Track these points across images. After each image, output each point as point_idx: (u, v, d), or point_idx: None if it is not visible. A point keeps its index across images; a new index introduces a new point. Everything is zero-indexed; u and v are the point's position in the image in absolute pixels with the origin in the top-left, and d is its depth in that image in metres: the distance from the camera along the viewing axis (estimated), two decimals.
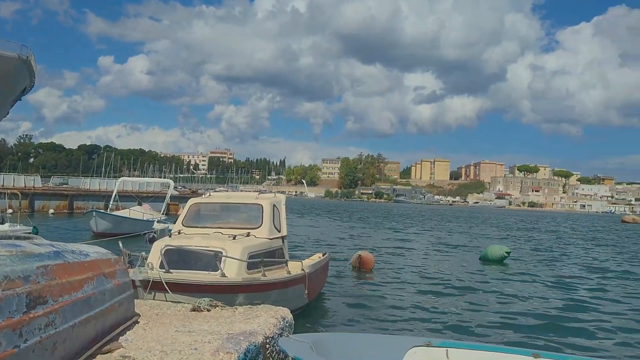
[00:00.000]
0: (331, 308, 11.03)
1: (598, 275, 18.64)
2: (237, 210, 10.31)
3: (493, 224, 59.53)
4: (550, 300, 13.06)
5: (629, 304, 13.12)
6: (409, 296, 12.79)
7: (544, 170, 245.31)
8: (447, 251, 24.74)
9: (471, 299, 12.73)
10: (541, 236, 40.32)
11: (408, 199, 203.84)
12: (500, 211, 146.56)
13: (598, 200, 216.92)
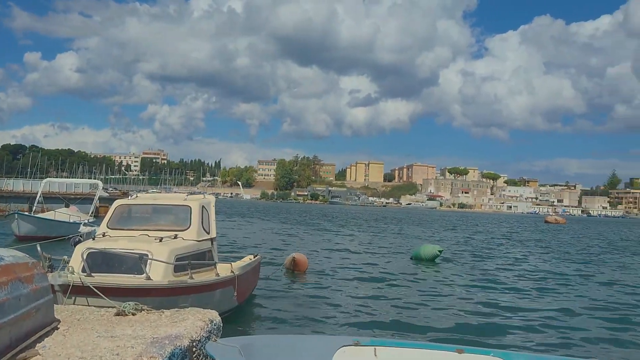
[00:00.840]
0: (262, 310, 10.99)
1: (523, 274, 19.38)
2: (164, 212, 10.10)
3: (425, 224, 60.91)
4: (477, 298, 13.50)
5: (551, 301, 13.74)
6: (341, 297, 12.90)
7: (473, 172, 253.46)
8: (380, 252, 25.12)
9: (401, 298, 12.98)
10: (472, 236, 41.59)
11: (343, 201, 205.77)
12: (431, 212, 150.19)
13: (523, 201, 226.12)
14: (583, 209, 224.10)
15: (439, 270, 18.91)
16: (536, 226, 73.97)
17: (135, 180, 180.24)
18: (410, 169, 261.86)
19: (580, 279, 18.53)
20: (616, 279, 18.98)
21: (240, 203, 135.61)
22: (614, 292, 15.86)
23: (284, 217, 61.74)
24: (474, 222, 79.18)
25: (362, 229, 44.57)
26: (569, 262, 24.38)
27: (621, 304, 13.60)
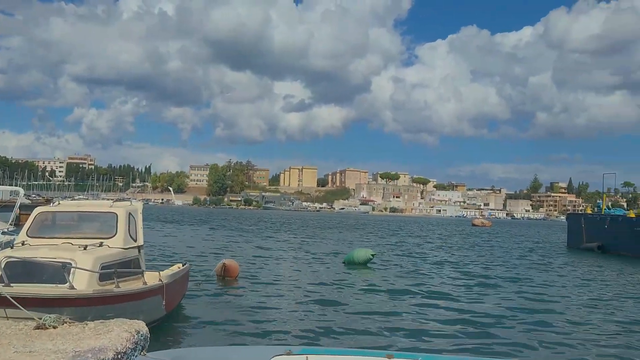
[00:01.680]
0: (192, 319, 10.79)
1: (452, 277, 19.93)
2: (89, 219, 9.75)
3: (358, 228, 61.61)
4: (408, 302, 13.76)
5: (478, 303, 14.18)
6: (274, 303, 12.84)
7: (404, 177, 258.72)
8: (313, 256, 25.19)
9: (333, 303, 13.05)
10: (404, 240, 42.42)
11: (277, 206, 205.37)
12: (364, 216, 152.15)
13: (452, 205, 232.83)
14: (508, 212, 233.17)
15: (371, 274, 19.15)
16: (464, 229, 76.30)
17: (61, 186, 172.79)
18: (343, 174, 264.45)
19: (505, 281, 19.21)
20: (535, 281, 19.82)
21: (172, 209, 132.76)
22: (535, 292, 16.55)
23: (217, 223, 60.94)
24: (405, 225, 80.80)
25: (296, 234, 44.61)
26: (494, 265, 25.28)
27: (539, 305, 14.22)
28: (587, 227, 39.02)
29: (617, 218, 37.66)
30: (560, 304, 14.43)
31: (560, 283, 19.11)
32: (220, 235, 39.93)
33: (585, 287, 18.53)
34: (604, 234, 36.58)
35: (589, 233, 38.45)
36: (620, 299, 15.91)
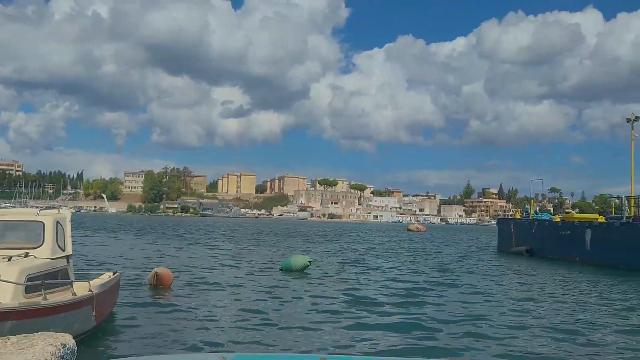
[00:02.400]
0: (123, 330, 10.55)
1: (388, 281, 20.27)
2: (13, 228, 9.38)
3: (296, 235, 61.68)
4: (343, 307, 13.90)
5: (411, 306, 14.50)
6: (207, 311, 12.71)
7: (342, 183, 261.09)
8: (250, 263, 25.05)
9: (267, 310, 13.05)
10: (341, 246, 42.81)
11: (215, 213, 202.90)
12: (302, 223, 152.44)
13: (388, 211, 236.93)
14: (442, 217, 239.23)
15: (308, 281, 19.23)
16: (399, 235, 77.73)
17: None
18: (282, 180, 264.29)
19: (436, 285, 19.70)
20: (466, 284, 20.44)
21: (105, 217, 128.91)
22: (464, 294, 17.09)
23: (151, 231, 59.62)
24: (343, 231, 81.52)
25: (233, 241, 44.23)
26: (426, 269, 25.90)
27: (468, 308, 14.70)
28: (516, 232, 40.56)
29: (543, 222, 39.32)
30: (487, 306, 14.94)
31: (488, 286, 19.77)
32: (155, 243, 39.09)
33: (511, 290, 19.24)
34: (532, 238, 38.11)
35: (518, 237, 39.97)
36: (540, 300, 16.61)
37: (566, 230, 34.59)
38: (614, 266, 28.06)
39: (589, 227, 32.20)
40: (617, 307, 15.61)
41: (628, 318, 13.83)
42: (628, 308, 15.50)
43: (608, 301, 16.74)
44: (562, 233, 34.85)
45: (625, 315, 14.18)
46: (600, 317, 13.74)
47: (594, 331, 11.79)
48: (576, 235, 32.90)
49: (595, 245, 31.04)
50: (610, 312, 14.69)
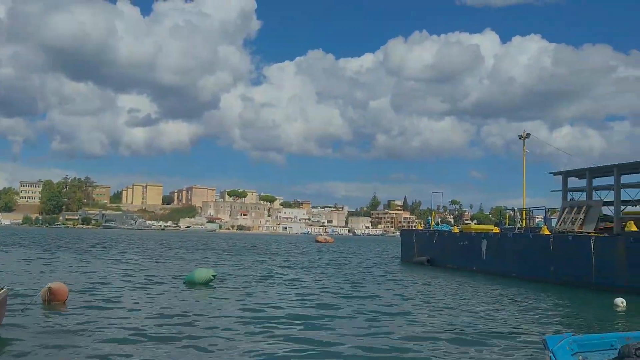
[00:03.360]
0: (10, 348, 9.94)
1: (294, 294, 20.35)
2: None
3: (203, 247, 60.58)
4: (247, 322, 13.82)
5: (318, 317, 14.66)
6: (102, 328, 12.23)
7: (251, 195, 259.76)
8: (153, 277, 24.34)
9: (168, 325, 12.76)
10: (249, 258, 42.48)
11: (118, 225, 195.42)
12: (211, 235, 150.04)
13: (297, 222, 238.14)
14: (349, 228, 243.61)
15: (211, 295, 18.96)
16: (308, 246, 78.28)
17: None
18: (190, 191, 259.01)
19: (343, 298, 20.01)
20: (367, 293, 20.94)
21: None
22: (366, 302, 17.49)
23: (48, 244, 56.48)
24: (252, 243, 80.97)
25: (136, 254, 42.77)
26: (332, 280, 26.28)
27: (371, 317, 15.09)
28: (418, 242, 42.04)
29: (443, 233, 41.03)
30: (388, 314, 15.38)
31: (390, 295, 20.35)
32: (51, 256, 37.06)
33: (410, 299, 19.92)
34: (433, 248, 39.65)
35: (420, 248, 41.44)
36: (437, 308, 17.32)
37: (464, 241, 36.26)
38: (508, 275, 29.72)
39: (485, 237, 33.93)
40: (480, 314, 16.55)
41: (473, 325, 14.68)
42: (482, 317, 16.45)
43: (470, 307, 17.71)
44: (461, 243, 36.50)
45: (475, 322, 15.05)
46: (458, 324, 14.50)
47: (471, 336, 12.44)
48: (473, 245, 34.57)
49: (490, 255, 32.74)
50: (472, 319, 15.54)
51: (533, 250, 28.96)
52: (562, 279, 26.11)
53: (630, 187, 27.66)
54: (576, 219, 28.27)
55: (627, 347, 6.95)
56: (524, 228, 34.81)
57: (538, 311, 17.47)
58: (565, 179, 32.59)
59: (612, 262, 23.84)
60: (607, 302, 19.07)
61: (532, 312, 17.11)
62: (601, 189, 30.76)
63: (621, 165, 27.49)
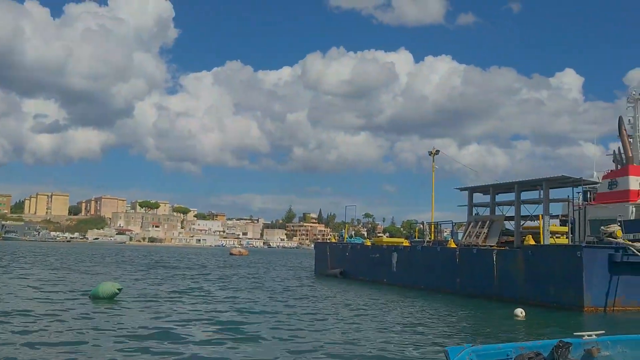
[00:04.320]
0: None
1: (203, 308, 19.97)
2: None
3: (111, 260, 58.32)
4: (151, 337, 13.41)
5: (226, 332, 14.44)
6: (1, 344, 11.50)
7: (164, 206, 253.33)
8: (55, 291, 23.17)
9: (71, 341, 12.19)
10: (158, 271, 41.29)
11: (19, 236, 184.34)
12: (120, 247, 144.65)
13: (212, 234, 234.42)
14: (265, 241, 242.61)
15: (114, 310, 18.24)
16: (222, 258, 77.16)
17: None
18: (99, 201, 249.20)
19: (254, 313, 19.86)
20: (279, 306, 20.92)
21: None
22: (279, 319, 17.45)
23: None
24: (163, 256, 78.79)
25: (39, 267, 40.50)
26: (242, 292, 26.05)
27: (278, 327, 15.06)
28: (332, 255, 42.49)
29: (356, 246, 41.71)
30: (295, 326, 15.41)
31: (299, 307, 20.42)
32: None
33: (319, 311, 20.08)
34: (346, 260, 40.19)
35: (333, 260, 41.90)
36: (342, 318, 17.57)
37: (376, 254, 37.01)
38: (416, 287, 30.59)
39: (395, 250, 34.80)
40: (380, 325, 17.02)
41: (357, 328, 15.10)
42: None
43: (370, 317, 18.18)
44: (372, 256, 37.23)
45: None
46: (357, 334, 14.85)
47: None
48: (384, 258, 35.36)
49: (400, 267, 33.61)
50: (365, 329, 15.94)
51: (440, 263, 29.99)
52: (467, 291, 27.18)
53: (529, 203, 29.26)
54: (480, 233, 29.56)
55: (521, 356, 7.35)
56: (433, 241, 36.00)
57: (443, 322, 18.09)
58: (470, 194, 34.05)
59: (512, 274, 25.10)
60: (508, 313, 20.01)
61: (437, 323, 17.70)
62: (503, 205, 32.37)
63: (521, 183, 29.07)
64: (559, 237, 28.70)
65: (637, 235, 25.77)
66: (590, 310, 21.36)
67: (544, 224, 26.08)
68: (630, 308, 21.85)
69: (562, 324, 18.14)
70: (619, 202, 30.96)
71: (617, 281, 21.86)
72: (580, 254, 21.76)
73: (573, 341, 7.41)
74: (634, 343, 7.39)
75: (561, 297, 22.40)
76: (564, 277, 22.45)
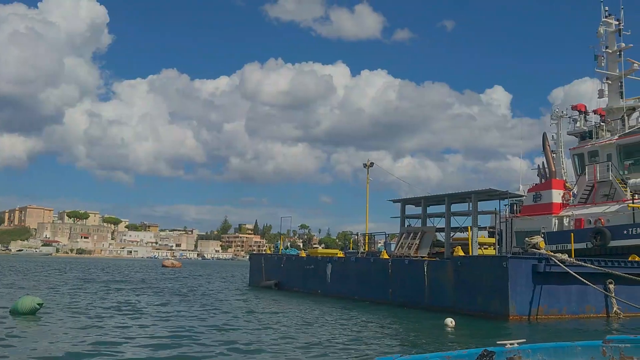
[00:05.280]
0: None
1: (129, 322, 19.35)
2: None
3: (35, 273, 55.78)
4: (70, 350, 12.90)
5: (153, 345, 14.04)
6: None
7: (94, 216, 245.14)
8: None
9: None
10: (84, 284, 39.78)
11: None
12: (45, 259, 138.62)
13: (144, 246, 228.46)
14: (199, 252, 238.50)
15: (36, 326, 17.44)
16: (153, 270, 75.23)
17: None
18: (24, 211, 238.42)
19: (183, 324, 19.41)
20: (212, 319, 20.56)
21: None
22: (209, 328, 17.15)
23: None
24: (91, 268, 76.07)
25: None
26: (174, 306, 25.46)
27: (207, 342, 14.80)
28: (266, 266, 42.20)
29: (291, 257, 41.63)
30: (225, 338, 15.18)
31: (232, 319, 20.14)
32: None
33: (249, 323, 19.87)
34: (281, 272, 40.01)
35: (268, 271, 41.62)
36: (271, 329, 17.47)
37: (310, 265, 37.03)
38: (350, 298, 30.79)
39: (330, 261, 34.94)
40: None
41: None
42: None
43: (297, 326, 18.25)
44: (307, 267, 37.23)
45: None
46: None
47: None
48: (319, 269, 35.42)
49: (334, 278, 33.75)
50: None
51: (374, 274, 30.32)
52: (399, 301, 27.58)
53: (459, 215, 30.15)
54: (412, 244, 30.15)
55: None
56: (366, 252, 36.40)
57: (374, 333, 18.25)
58: (403, 206, 34.70)
59: (442, 284, 25.66)
60: (438, 322, 20.40)
61: (368, 334, 17.84)
62: (435, 216, 33.17)
63: (451, 195, 29.91)
64: (487, 248, 29.69)
65: (560, 246, 26.96)
66: (515, 318, 22.08)
67: (473, 235, 26.87)
68: (552, 316, 22.75)
69: (489, 332, 18.66)
70: (542, 215, 32.36)
71: (540, 291, 22.71)
72: (506, 264, 22.49)
73: (497, 350, 7.61)
74: (552, 350, 7.66)
75: (488, 307, 23.06)
76: (490, 287, 23.14)
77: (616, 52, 34.78)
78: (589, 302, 23.53)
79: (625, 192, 29.61)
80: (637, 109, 33.85)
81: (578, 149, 34.63)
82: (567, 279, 22.37)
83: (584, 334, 17.89)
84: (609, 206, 30.20)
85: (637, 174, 30.43)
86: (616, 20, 35.08)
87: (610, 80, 34.75)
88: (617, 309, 23.29)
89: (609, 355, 7.20)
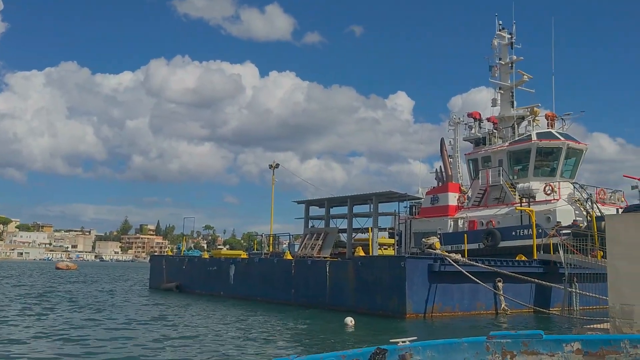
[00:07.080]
0: None
1: (23, 329, 18.29)
2: None
3: None
4: None
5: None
6: None
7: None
8: None
9: None
10: None
11: None
12: None
13: (37, 247, 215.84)
14: (97, 254, 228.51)
15: None
16: (45, 274, 71.24)
17: None
18: None
19: (76, 327, 18.58)
20: (109, 323, 19.80)
21: None
22: (107, 332, 16.49)
23: None
24: None
25: None
26: (65, 309, 24.32)
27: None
28: (168, 268, 41.13)
29: (193, 259, 40.85)
30: (124, 347, 14.68)
31: (130, 323, 19.48)
32: None
33: (147, 326, 19.34)
34: (183, 274, 39.14)
35: (170, 274, 40.58)
36: (182, 336, 17.11)
37: (213, 266, 36.51)
38: (253, 299, 30.65)
39: (233, 263, 34.62)
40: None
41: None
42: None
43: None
44: (210, 269, 36.67)
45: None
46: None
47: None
48: (222, 270, 34.99)
49: (238, 280, 33.47)
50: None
51: (277, 275, 30.36)
52: (301, 301, 27.79)
53: (361, 216, 30.85)
54: (315, 245, 30.48)
55: None
56: (271, 253, 36.40)
57: (274, 333, 18.30)
58: (307, 207, 35.02)
59: (343, 284, 26.14)
60: (339, 322, 20.75)
61: (268, 334, 17.85)
62: (337, 217, 33.74)
63: (353, 197, 30.55)
64: (387, 248, 30.58)
65: (455, 247, 28.24)
66: (412, 317, 22.88)
67: (373, 236, 27.59)
68: (446, 314, 23.79)
69: (387, 331, 19.21)
70: (439, 216, 33.80)
71: (435, 289, 23.68)
72: (403, 264, 23.27)
73: (389, 348, 7.84)
74: (441, 347, 8.00)
75: (387, 305, 23.75)
76: (389, 287, 23.85)
77: (508, 64, 36.97)
78: (480, 299, 24.81)
79: (514, 195, 31.52)
80: (526, 117, 36.11)
81: (472, 155, 36.48)
82: (461, 278, 23.46)
83: (472, 331, 18.85)
84: (499, 209, 32.04)
85: (525, 179, 32.48)
86: (509, 33, 37.30)
87: (502, 90, 36.90)
88: (505, 305, 24.70)
89: (492, 350, 7.62)
